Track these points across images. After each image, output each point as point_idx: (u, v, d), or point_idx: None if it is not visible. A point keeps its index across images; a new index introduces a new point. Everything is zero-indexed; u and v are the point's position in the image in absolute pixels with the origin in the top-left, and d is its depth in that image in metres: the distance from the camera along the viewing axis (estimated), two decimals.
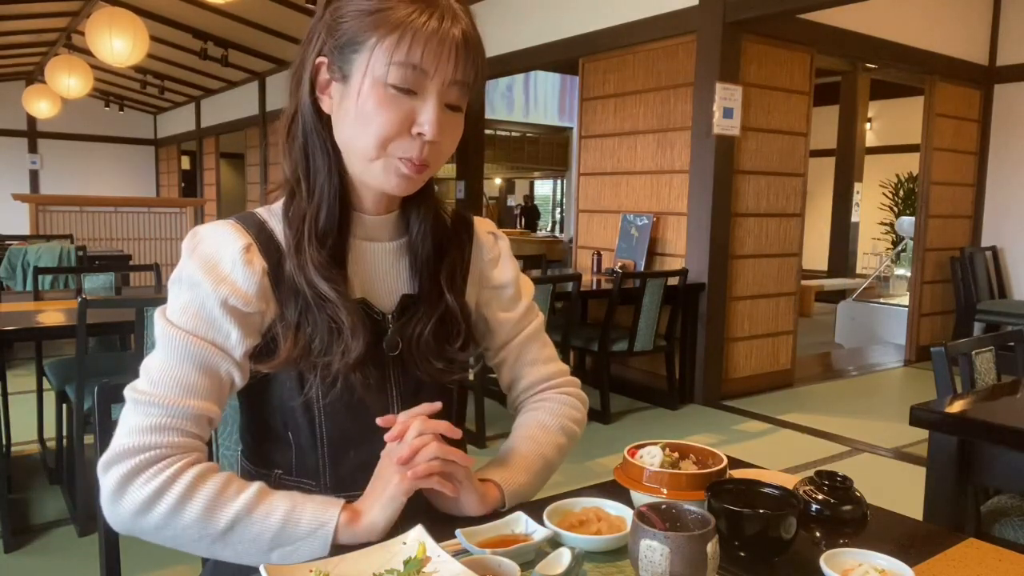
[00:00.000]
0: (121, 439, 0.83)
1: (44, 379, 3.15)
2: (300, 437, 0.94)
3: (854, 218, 8.59)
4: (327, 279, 0.89)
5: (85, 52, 7.04)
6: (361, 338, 0.89)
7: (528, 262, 5.53)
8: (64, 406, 2.88)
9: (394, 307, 0.96)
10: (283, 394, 0.93)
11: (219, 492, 0.83)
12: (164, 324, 0.87)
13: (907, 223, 7.33)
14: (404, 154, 0.87)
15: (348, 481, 0.93)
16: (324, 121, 0.91)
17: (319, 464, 0.94)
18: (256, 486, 0.86)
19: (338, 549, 0.82)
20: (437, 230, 1.00)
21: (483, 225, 1.09)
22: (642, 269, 4.68)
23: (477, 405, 3.67)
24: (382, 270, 0.97)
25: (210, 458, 0.97)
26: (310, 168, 0.92)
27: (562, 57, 5.49)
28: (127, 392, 0.85)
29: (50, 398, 3.12)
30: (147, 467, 0.81)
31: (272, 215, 0.95)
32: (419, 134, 0.86)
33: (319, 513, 0.84)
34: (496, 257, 1.08)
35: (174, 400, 0.84)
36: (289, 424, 0.94)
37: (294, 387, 0.92)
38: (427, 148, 0.87)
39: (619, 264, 4.81)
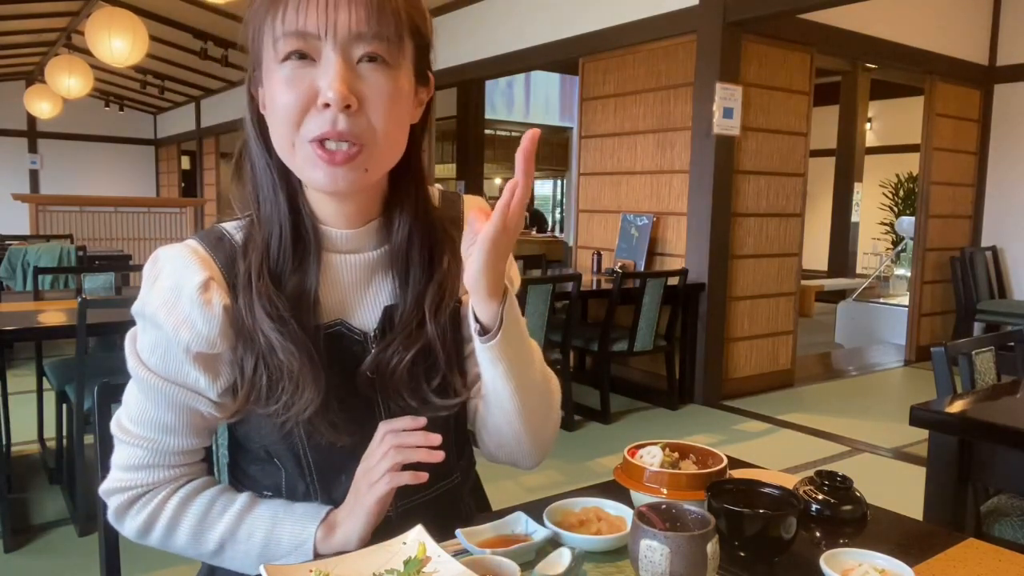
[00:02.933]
0: (113, 474, 0.88)
1: (44, 379, 3.15)
2: (286, 463, 0.90)
3: (854, 218, 8.60)
4: (274, 320, 0.80)
5: (85, 52, 7.04)
6: (312, 389, 0.81)
7: (528, 262, 5.54)
8: (64, 406, 2.88)
9: (376, 323, 0.89)
10: (261, 429, 0.88)
11: (203, 517, 0.87)
12: (135, 363, 0.85)
13: (907, 223, 7.33)
14: (316, 131, 0.76)
15: (341, 502, 0.90)
16: (267, 139, 0.83)
17: (309, 489, 0.90)
18: (239, 504, 0.88)
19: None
20: (424, 233, 0.89)
21: (471, 205, 0.96)
22: (642, 269, 4.68)
23: None
24: (361, 284, 0.89)
25: (210, 460, 0.98)
26: (259, 192, 0.85)
27: (562, 57, 5.48)
28: (113, 427, 0.88)
29: (50, 398, 3.12)
30: (135, 501, 0.88)
31: (240, 232, 0.87)
32: (325, 105, 0.75)
33: (297, 532, 0.85)
34: None
35: (155, 441, 0.86)
36: (273, 453, 0.90)
37: (272, 428, 0.86)
38: (343, 120, 0.76)
39: (619, 264, 4.81)
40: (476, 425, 0.97)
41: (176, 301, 0.82)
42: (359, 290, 0.89)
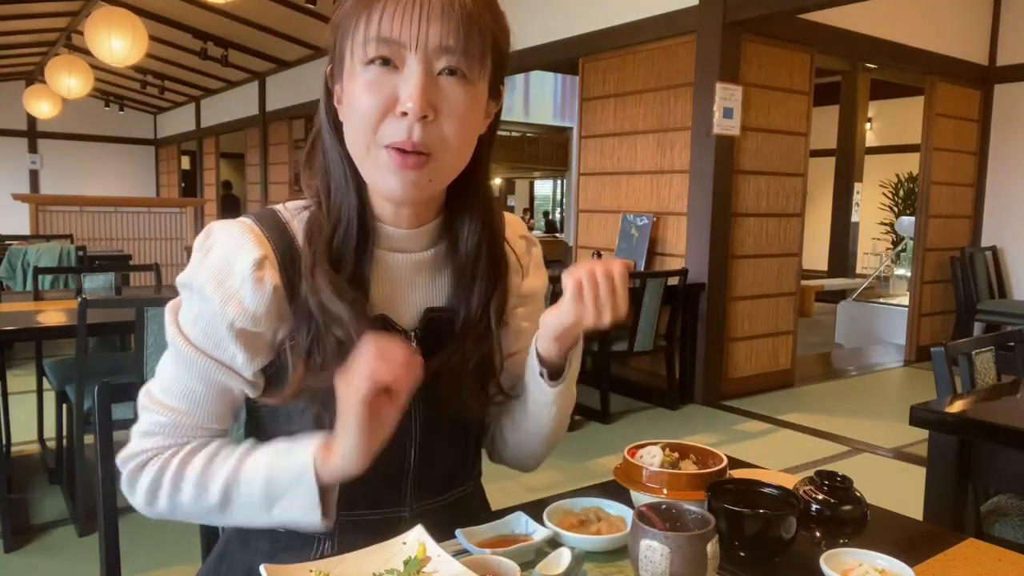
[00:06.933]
0: (132, 441, 0.87)
1: (44, 379, 3.15)
2: None
3: (854, 218, 8.60)
4: (340, 297, 0.82)
5: (85, 52, 7.04)
6: None
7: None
8: (64, 406, 2.88)
9: (416, 323, 0.90)
10: (291, 424, 0.87)
11: (206, 466, 0.84)
12: (175, 332, 0.85)
13: (907, 223, 7.33)
14: (392, 139, 0.78)
15: (359, 500, 0.88)
16: (340, 131, 0.85)
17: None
18: (240, 449, 0.85)
19: (328, 492, 0.81)
20: (491, 243, 0.92)
21: (515, 228, 1.01)
22: (642, 269, 4.68)
23: None
24: (406, 283, 0.90)
25: None
26: (330, 181, 0.87)
27: (562, 57, 5.49)
28: (141, 395, 0.87)
29: (50, 398, 3.12)
30: (145, 464, 0.85)
31: (295, 217, 0.88)
32: (403, 113, 0.77)
33: (298, 459, 0.81)
34: (527, 265, 1.01)
35: (183, 412, 0.85)
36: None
37: (308, 424, 0.86)
38: (418, 129, 0.78)
39: None
40: (496, 436, 1.03)
41: (227, 276, 0.82)
42: (404, 288, 0.90)
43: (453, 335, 0.90)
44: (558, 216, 17.55)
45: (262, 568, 0.73)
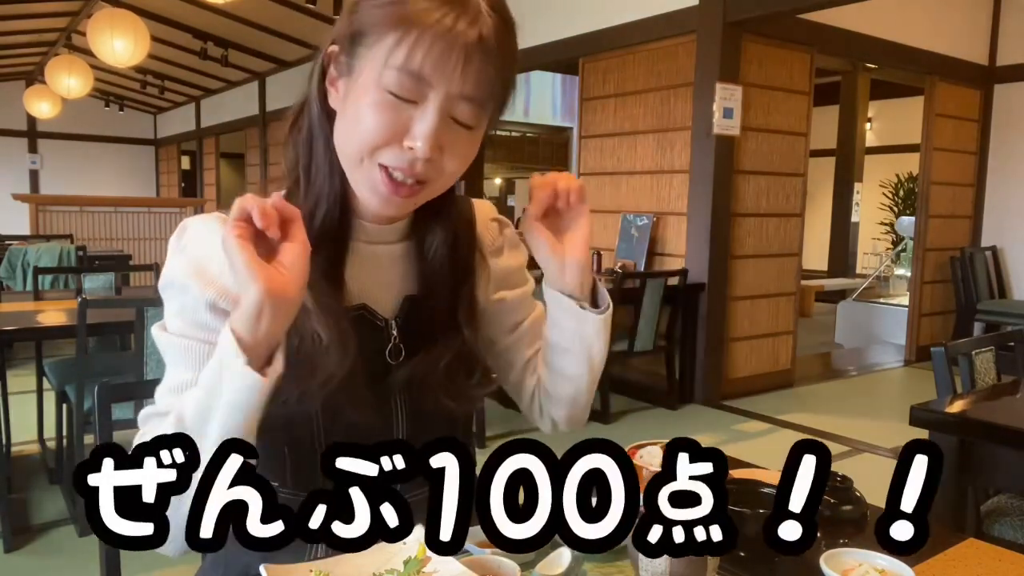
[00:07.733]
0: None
1: (44, 379, 3.14)
2: (299, 451, 0.88)
3: (854, 218, 8.60)
4: (312, 287, 0.79)
5: (85, 52, 7.04)
6: (339, 353, 0.80)
7: (528, 262, 5.55)
8: (64, 406, 2.88)
9: (396, 310, 0.91)
10: (278, 417, 0.82)
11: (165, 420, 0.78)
12: (159, 333, 0.84)
13: (907, 223, 7.33)
14: (391, 163, 0.78)
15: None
16: (330, 116, 0.84)
17: (317, 474, 0.87)
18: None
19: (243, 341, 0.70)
20: (457, 243, 0.92)
21: (484, 212, 1.01)
22: (642, 269, 4.68)
23: None
24: (383, 273, 0.91)
25: None
26: (311, 164, 0.85)
27: (562, 57, 5.49)
28: (148, 412, 0.82)
29: (50, 398, 3.12)
30: None
31: None
32: (410, 148, 0.77)
33: (221, 343, 0.72)
34: (500, 247, 1.01)
35: (172, 407, 0.81)
36: (283, 439, 0.87)
37: (293, 405, 0.82)
38: (420, 164, 0.78)
39: (619, 264, 4.81)
40: (542, 399, 1.00)
41: (207, 265, 0.81)
42: (382, 278, 0.91)
43: (432, 324, 0.90)
44: None
45: (262, 568, 0.73)
